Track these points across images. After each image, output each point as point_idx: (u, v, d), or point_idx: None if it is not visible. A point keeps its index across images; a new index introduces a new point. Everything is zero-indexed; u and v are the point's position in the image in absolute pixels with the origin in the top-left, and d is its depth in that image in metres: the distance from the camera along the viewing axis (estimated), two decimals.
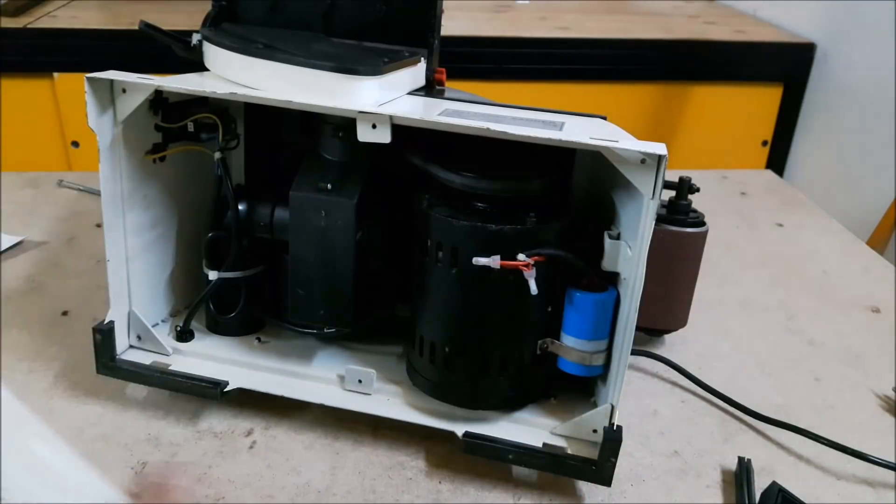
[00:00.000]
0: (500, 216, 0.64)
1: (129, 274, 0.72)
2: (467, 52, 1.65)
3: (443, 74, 0.74)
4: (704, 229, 0.78)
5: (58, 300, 0.88)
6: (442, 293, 0.65)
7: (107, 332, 0.71)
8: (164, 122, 0.68)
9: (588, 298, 0.63)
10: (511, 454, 0.64)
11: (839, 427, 0.74)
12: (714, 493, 0.66)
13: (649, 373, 0.81)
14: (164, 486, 0.60)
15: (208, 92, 0.67)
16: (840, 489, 0.67)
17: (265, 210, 0.72)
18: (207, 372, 0.71)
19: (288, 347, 0.75)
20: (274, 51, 0.64)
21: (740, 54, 1.78)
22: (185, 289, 0.79)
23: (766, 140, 1.86)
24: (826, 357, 0.86)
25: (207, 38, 0.70)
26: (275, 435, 0.69)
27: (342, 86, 0.62)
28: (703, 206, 0.80)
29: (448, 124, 0.59)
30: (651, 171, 0.56)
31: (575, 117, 0.67)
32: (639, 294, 0.59)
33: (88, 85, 0.64)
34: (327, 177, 0.66)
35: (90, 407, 0.72)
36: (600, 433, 0.63)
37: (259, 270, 0.75)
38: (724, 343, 0.88)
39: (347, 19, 0.74)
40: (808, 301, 0.97)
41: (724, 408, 0.76)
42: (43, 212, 1.09)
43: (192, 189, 0.75)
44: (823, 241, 1.14)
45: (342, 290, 0.68)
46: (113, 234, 0.70)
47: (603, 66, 1.73)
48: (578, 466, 0.63)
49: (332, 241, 0.66)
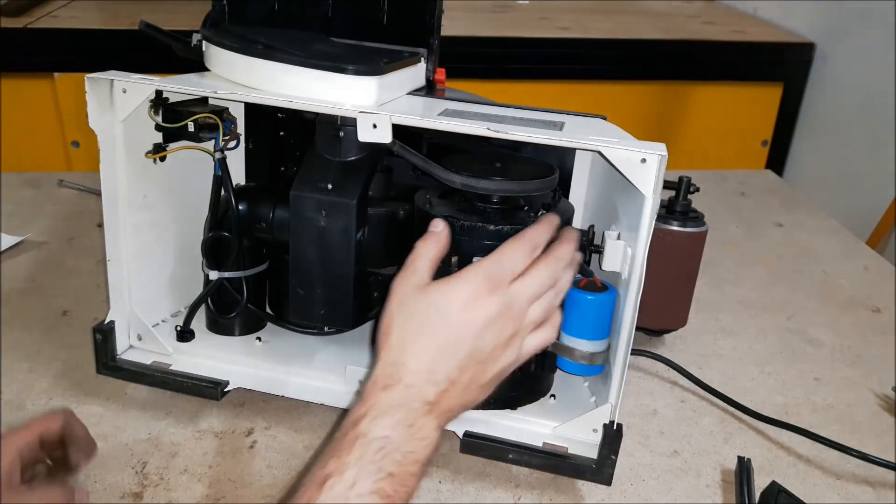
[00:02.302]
0: (500, 216, 0.64)
1: (129, 274, 0.72)
2: (467, 52, 1.65)
3: (443, 74, 0.74)
4: (704, 229, 0.78)
5: (58, 300, 0.88)
6: None
7: (107, 332, 0.71)
8: (165, 122, 0.68)
9: (588, 298, 0.63)
10: (511, 453, 0.64)
11: (839, 427, 0.74)
12: (714, 493, 0.66)
13: (649, 372, 0.81)
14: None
15: (208, 92, 0.67)
16: (840, 489, 0.67)
17: (265, 210, 0.72)
18: (208, 372, 0.71)
19: (288, 347, 0.75)
20: (274, 51, 0.64)
21: (740, 54, 1.78)
22: (185, 289, 0.79)
23: (766, 140, 1.87)
24: (826, 357, 0.86)
25: (208, 38, 0.70)
26: (275, 435, 0.69)
27: (342, 86, 0.62)
28: (702, 206, 0.80)
29: (447, 124, 0.59)
30: (651, 171, 0.56)
31: (575, 117, 0.67)
32: (639, 293, 0.59)
33: (89, 85, 0.64)
34: (328, 177, 0.66)
35: (90, 407, 0.72)
36: (600, 432, 0.63)
37: (259, 270, 0.75)
38: (724, 343, 0.88)
39: (348, 19, 0.74)
40: (808, 301, 0.97)
41: (724, 408, 0.76)
42: (43, 212, 1.09)
43: (192, 189, 0.75)
44: (823, 241, 1.14)
45: (342, 289, 0.68)
46: (113, 234, 0.70)
47: (603, 66, 1.73)
48: (578, 466, 0.63)
49: (332, 241, 0.66)
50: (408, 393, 0.48)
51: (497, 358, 0.51)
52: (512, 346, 0.52)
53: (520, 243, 0.53)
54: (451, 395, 0.49)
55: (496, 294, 0.51)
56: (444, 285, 0.51)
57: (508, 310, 0.51)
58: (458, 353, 0.49)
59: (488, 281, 0.51)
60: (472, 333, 0.50)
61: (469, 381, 0.50)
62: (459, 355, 0.49)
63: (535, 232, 0.55)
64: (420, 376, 0.49)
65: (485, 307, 0.50)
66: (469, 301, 0.50)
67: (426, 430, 0.48)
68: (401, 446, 0.46)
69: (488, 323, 0.50)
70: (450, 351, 0.49)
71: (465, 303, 0.50)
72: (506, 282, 0.52)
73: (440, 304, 0.50)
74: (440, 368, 0.49)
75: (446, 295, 0.50)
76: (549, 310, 0.55)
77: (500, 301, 0.51)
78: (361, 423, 0.47)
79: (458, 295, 0.50)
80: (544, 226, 0.56)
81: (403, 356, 0.50)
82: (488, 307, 0.50)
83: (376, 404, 0.48)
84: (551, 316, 0.55)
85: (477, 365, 0.50)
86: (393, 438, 0.46)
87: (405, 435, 0.47)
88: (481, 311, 0.50)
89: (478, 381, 0.51)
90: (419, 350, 0.49)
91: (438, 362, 0.49)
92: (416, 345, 0.50)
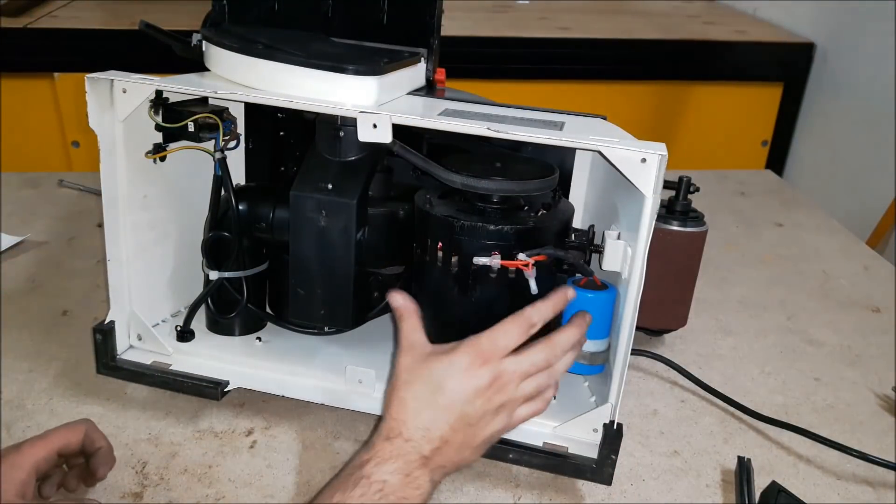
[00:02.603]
0: (500, 215, 0.64)
1: (129, 274, 0.72)
2: (467, 52, 1.65)
3: (443, 74, 0.74)
4: (704, 229, 0.78)
5: (58, 300, 0.88)
6: (442, 292, 0.65)
7: (107, 332, 0.71)
8: (165, 122, 0.68)
9: (588, 297, 0.63)
10: (511, 453, 0.64)
11: (839, 427, 0.74)
12: (714, 493, 0.66)
13: (649, 372, 0.81)
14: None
15: (208, 92, 0.67)
16: (840, 489, 0.67)
17: (265, 210, 0.72)
18: (208, 372, 0.71)
19: (288, 347, 0.75)
20: (274, 51, 0.64)
21: (740, 54, 1.78)
22: (185, 289, 0.79)
23: (766, 140, 1.87)
24: (826, 357, 0.86)
25: (208, 38, 0.70)
26: (275, 435, 0.69)
27: (342, 85, 0.62)
28: (702, 206, 0.80)
29: (447, 124, 0.59)
30: (651, 171, 0.56)
31: (575, 117, 0.67)
32: (639, 293, 0.59)
33: (89, 85, 0.64)
34: (328, 177, 0.66)
35: (90, 407, 0.72)
36: (600, 432, 0.63)
37: (259, 270, 0.75)
38: (724, 343, 0.88)
39: (348, 19, 0.74)
40: (808, 301, 0.97)
41: (724, 408, 0.76)
42: (43, 212, 1.09)
43: (192, 189, 0.75)
44: (823, 241, 1.14)
45: (342, 289, 0.68)
46: (113, 233, 0.70)
47: (603, 66, 1.73)
48: (579, 465, 0.63)
49: (332, 241, 0.66)
50: (406, 446, 0.54)
51: (487, 424, 0.57)
52: (501, 415, 0.57)
53: (516, 321, 0.58)
54: (443, 453, 0.55)
55: (487, 367, 0.56)
56: (445, 357, 0.57)
57: (498, 381, 0.57)
58: (451, 417, 0.55)
59: (481, 355, 0.56)
60: (462, 399, 0.56)
61: (461, 442, 0.56)
62: (451, 418, 0.55)
63: (533, 310, 0.59)
64: (418, 433, 0.55)
65: (476, 377, 0.56)
66: (463, 371, 0.56)
67: (420, 480, 0.53)
68: (397, 491, 0.52)
69: (478, 392, 0.56)
70: (444, 414, 0.55)
71: (459, 373, 0.56)
72: (497, 357, 0.57)
73: (437, 375, 0.56)
74: (435, 428, 0.55)
75: (444, 365, 0.57)
76: (541, 387, 0.59)
77: (490, 373, 0.56)
78: (366, 467, 0.53)
79: (456, 367, 0.56)
80: (546, 304, 0.60)
81: (405, 414, 0.56)
82: (479, 378, 0.56)
83: (380, 452, 0.54)
84: (544, 391, 0.60)
85: (467, 428, 0.56)
86: (391, 483, 0.52)
87: (402, 482, 0.53)
88: (473, 381, 0.56)
89: (469, 443, 0.57)
90: (419, 411, 0.56)
91: (434, 423, 0.55)
92: (416, 406, 0.56)
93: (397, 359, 0.59)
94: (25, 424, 0.69)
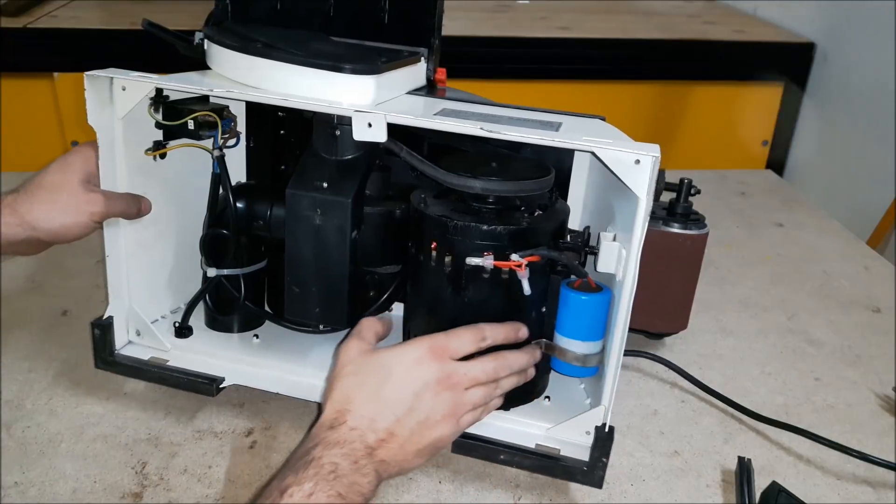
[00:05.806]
0: (494, 216, 0.63)
1: (128, 270, 0.72)
2: (467, 52, 1.65)
3: (443, 74, 0.74)
4: (705, 231, 0.77)
5: (58, 300, 0.88)
6: (436, 292, 0.65)
7: (106, 327, 0.71)
8: (165, 119, 0.68)
9: (582, 298, 0.63)
10: (503, 455, 0.63)
11: (839, 427, 0.74)
12: (714, 493, 0.66)
13: (649, 373, 0.81)
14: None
15: (206, 90, 0.67)
16: (840, 489, 0.67)
17: (263, 208, 0.72)
18: (205, 368, 0.71)
19: (286, 345, 0.75)
20: (273, 49, 0.64)
21: (740, 54, 1.78)
22: (184, 285, 0.79)
23: (766, 140, 1.86)
24: (826, 357, 0.86)
25: (209, 37, 0.70)
26: (275, 435, 0.69)
27: (339, 84, 0.62)
28: (703, 207, 0.80)
29: (442, 124, 0.59)
30: (645, 173, 0.55)
31: (573, 118, 0.67)
32: (632, 295, 0.59)
33: (88, 82, 0.64)
34: (324, 175, 0.66)
35: (90, 407, 0.72)
36: (592, 434, 0.63)
37: (257, 268, 0.75)
38: (725, 343, 0.88)
39: (349, 19, 0.74)
40: (808, 301, 0.97)
41: (724, 408, 0.76)
42: None
43: (191, 186, 0.75)
44: (823, 241, 1.14)
45: (337, 288, 0.68)
46: (112, 230, 0.70)
47: (603, 66, 1.73)
48: (570, 468, 0.62)
49: (327, 240, 0.66)
50: (351, 434, 0.53)
51: (434, 425, 0.56)
52: (448, 420, 0.57)
53: (470, 329, 0.59)
54: (388, 447, 0.54)
55: (437, 363, 0.56)
56: (392, 349, 0.57)
57: (447, 379, 0.56)
58: (398, 409, 0.55)
59: (431, 350, 0.57)
60: (412, 391, 0.55)
61: (406, 439, 0.55)
62: (398, 411, 0.55)
63: (488, 326, 0.60)
64: (363, 421, 0.54)
65: (426, 370, 0.56)
66: (413, 363, 0.56)
67: (367, 469, 0.52)
68: (349, 475, 0.51)
69: (427, 385, 0.56)
70: (391, 404, 0.54)
71: (409, 364, 0.56)
72: (448, 356, 0.57)
73: (386, 363, 0.56)
74: (381, 419, 0.54)
75: (392, 356, 0.56)
76: (486, 397, 0.60)
77: (440, 369, 0.56)
78: (314, 451, 0.51)
79: (404, 358, 0.56)
80: (502, 327, 0.61)
81: (349, 404, 0.55)
82: (429, 371, 0.56)
83: (325, 439, 0.52)
84: (488, 404, 0.61)
85: (414, 424, 0.55)
86: (342, 466, 0.51)
87: (351, 468, 0.51)
88: (423, 373, 0.56)
89: (416, 442, 0.55)
90: (364, 399, 0.55)
91: (379, 413, 0.54)
92: (361, 395, 0.55)
93: (343, 348, 0.58)
94: (25, 424, 0.69)
